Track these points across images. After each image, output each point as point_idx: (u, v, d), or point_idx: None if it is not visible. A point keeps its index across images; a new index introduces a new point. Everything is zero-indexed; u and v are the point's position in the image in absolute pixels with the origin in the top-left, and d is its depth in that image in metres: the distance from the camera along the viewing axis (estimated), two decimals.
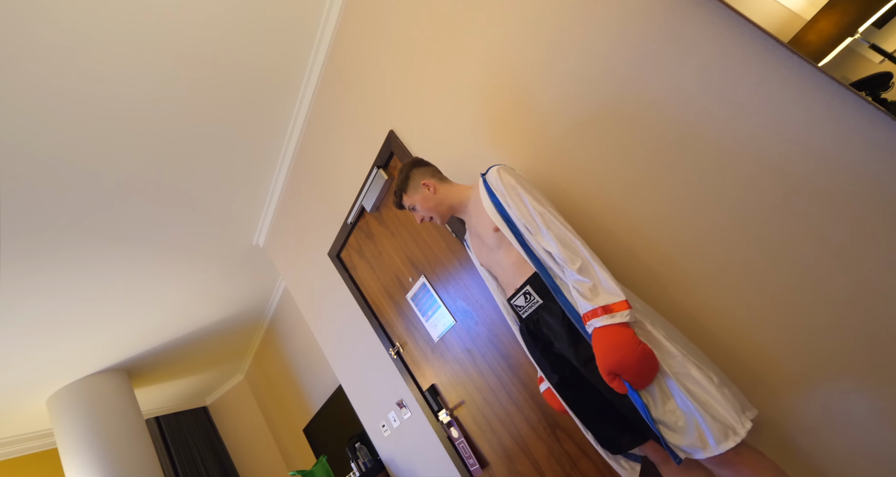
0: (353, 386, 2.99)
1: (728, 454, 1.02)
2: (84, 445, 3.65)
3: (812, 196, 1.08)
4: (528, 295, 1.28)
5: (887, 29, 0.96)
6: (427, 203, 1.47)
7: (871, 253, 1.03)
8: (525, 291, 1.28)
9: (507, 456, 2.00)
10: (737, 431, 1.00)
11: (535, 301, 1.27)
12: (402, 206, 1.54)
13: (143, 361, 4.21)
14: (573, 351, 1.18)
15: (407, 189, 1.51)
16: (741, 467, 1.04)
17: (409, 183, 1.51)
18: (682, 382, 1.04)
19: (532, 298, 1.27)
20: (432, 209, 1.48)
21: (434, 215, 1.48)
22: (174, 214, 2.81)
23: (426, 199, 1.48)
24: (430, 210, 1.48)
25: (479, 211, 1.36)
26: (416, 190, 1.49)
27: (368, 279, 2.60)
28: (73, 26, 1.69)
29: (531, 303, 1.28)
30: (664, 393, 1.05)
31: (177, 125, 2.28)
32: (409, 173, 1.51)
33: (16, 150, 1.97)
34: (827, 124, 1.04)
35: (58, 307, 2.97)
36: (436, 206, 1.47)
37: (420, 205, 1.48)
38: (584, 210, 1.47)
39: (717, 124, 1.18)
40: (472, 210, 1.41)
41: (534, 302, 1.27)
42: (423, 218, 1.50)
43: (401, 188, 1.52)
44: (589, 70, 1.39)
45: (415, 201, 1.49)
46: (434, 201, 1.47)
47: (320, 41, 2.29)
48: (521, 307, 1.33)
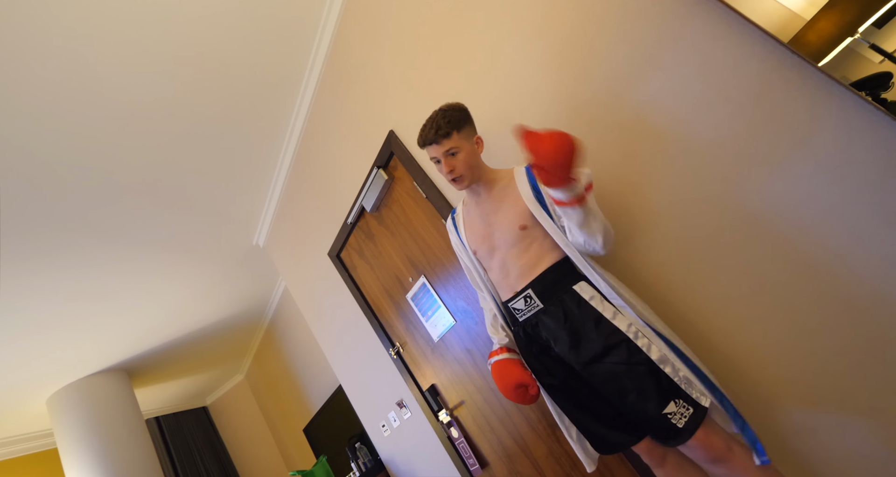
0: (353, 386, 2.99)
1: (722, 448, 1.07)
2: (84, 445, 3.65)
3: (812, 195, 1.08)
4: (529, 299, 1.26)
5: (887, 29, 0.96)
6: (472, 159, 1.29)
7: (870, 253, 1.03)
8: (526, 295, 1.26)
9: (507, 456, 2.00)
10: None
11: (536, 305, 1.25)
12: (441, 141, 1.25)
13: (143, 361, 4.21)
14: (574, 354, 1.19)
15: (461, 128, 1.28)
16: (733, 464, 1.06)
17: (465, 126, 1.29)
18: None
19: (532, 302, 1.25)
20: (472, 168, 1.29)
21: (466, 175, 1.28)
22: (174, 214, 2.81)
23: (473, 153, 1.30)
24: (470, 167, 1.28)
25: (506, 202, 1.28)
26: (468, 138, 1.30)
27: (368, 279, 2.60)
28: (72, 26, 1.69)
29: (531, 307, 1.26)
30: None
31: (177, 125, 2.28)
32: (466, 116, 1.31)
33: (16, 151, 1.97)
34: (827, 124, 1.04)
35: (58, 307, 2.97)
36: (475, 167, 1.30)
37: (465, 155, 1.27)
38: None
39: (716, 124, 1.18)
40: (496, 197, 1.31)
41: (534, 306, 1.25)
42: (455, 170, 1.27)
43: (456, 123, 1.27)
44: (588, 70, 1.39)
45: (462, 148, 1.27)
46: (476, 161, 1.31)
47: (320, 41, 2.29)
48: (519, 311, 1.30)
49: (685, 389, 1.08)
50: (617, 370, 1.12)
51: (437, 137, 1.26)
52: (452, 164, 1.27)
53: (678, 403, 1.07)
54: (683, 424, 1.06)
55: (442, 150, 1.26)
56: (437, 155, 1.28)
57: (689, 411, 1.07)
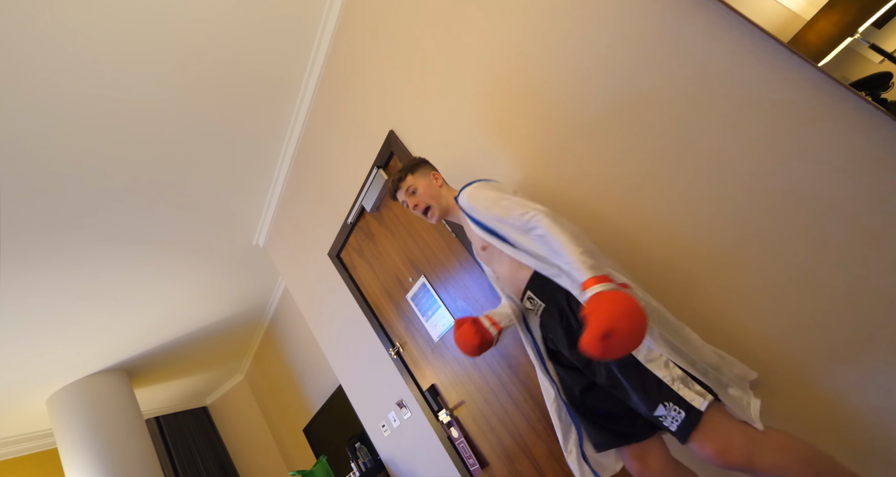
0: (353, 386, 2.99)
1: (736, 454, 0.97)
2: (84, 445, 3.65)
3: (812, 196, 1.08)
4: (532, 300, 1.27)
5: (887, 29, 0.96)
6: (430, 190, 1.44)
7: (870, 253, 1.03)
8: (528, 296, 1.28)
9: (507, 456, 2.00)
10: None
11: (539, 305, 1.26)
12: (399, 189, 1.47)
13: (143, 361, 4.21)
14: (572, 353, 1.18)
15: (415, 171, 1.47)
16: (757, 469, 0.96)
17: (418, 168, 1.48)
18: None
19: (535, 303, 1.26)
20: (433, 197, 1.43)
21: (433, 205, 1.43)
22: (174, 214, 2.81)
23: (430, 186, 1.45)
24: (431, 198, 1.43)
25: (467, 225, 1.37)
26: (424, 175, 1.47)
27: (368, 279, 2.60)
28: (72, 27, 1.69)
29: (536, 307, 1.27)
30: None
31: (177, 125, 2.28)
32: (419, 161, 1.50)
33: (16, 151, 1.97)
34: (827, 124, 1.04)
35: (58, 307, 2.97)
36: (437, 197, 1.44)
37: (422, 189, 1.44)
38: (585, 209, 1.47)
39: (716, 124, 1.18)
40: (464, 222, 1.41)
41: (538, 306, 1.26)
42: (419, 205, 1.44)
43: (408, 169, 1.47)
44: (589, 70, 1.39)
45: (418, 185, 1.45)
46: (437, 192, 1.44)
47: (320, 41, 2.29)
48: (529, 311, 1.33)
49: (676, 390, 1.01)
50: (611, 369, 1.09)
51: (395, 183, 1.47)
52: (415, 200, 1.44)
53: (667, 406, 1.01)
54: (676, 427, 1.00)
55: (402, 191, 1.46)
56: (402, 198, 1.47)
57: (680, 415, 1.00)
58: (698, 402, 0.99)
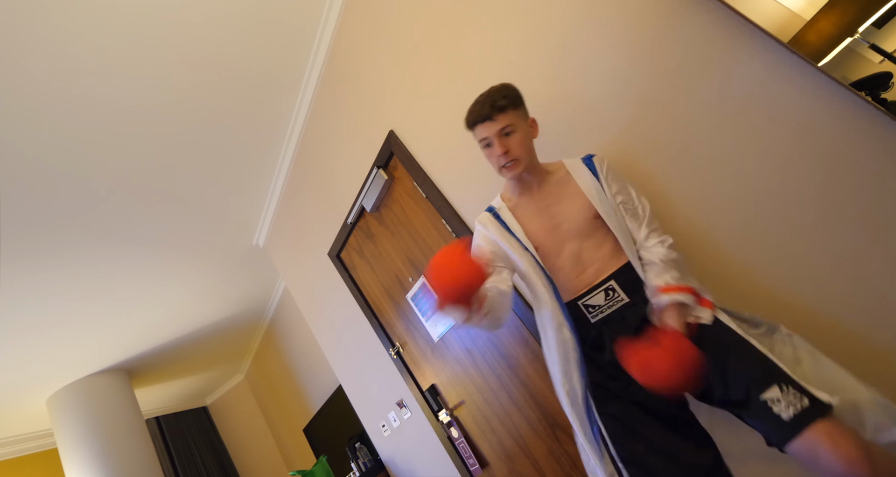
0: (353, 386, 2.99)
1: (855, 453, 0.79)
2: (84, 445, 3.65)
3: (812, 196, 1.08)
4: (611, 292, 1.11)
5: (887, 29, 0.96)
6: (527, 141, 1.17)
7: (870, 253, 1.03)
8: (608, 287, 1.11)
9: (507, 456, 2.00)
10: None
11: (619, 300, 1.10)
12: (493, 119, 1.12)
13: (143, 361, 4.21)
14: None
15: (518, 106, 1.16)
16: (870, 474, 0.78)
17: (521, 104, 1.18)
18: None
19: (615, 296, 1.10)
20: (528, 150, 1.17)
21: (522, 159, 1.15)
22: (174, 214, 2.81)
23: (528, 136, 1.18)
24: (525, 150, 1.16)
25: (568, 192, 1.18)
26: (524, 118, 1.18)
27: (368, 279, 2.60)
28: (72, 27, 1.68)
29: (613, 301, 1.10)
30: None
31: (177, 125, 2.28)
32: (522, 97, 1.19)
33: (17, 153, 1.97)
34: (827, 124, 1.04)
35: (58, 307, 2.97)
36: (531, 150, 1.18)
37: (520, 137, 1.15)
38: None
39: (716, 124, 1.18)
40: (553, 188, 1.20)
41: (617, 300, 1.10)
42: (510, 152, 1.13)
43: (513, 99, 1.15)
44: (589, 70, 1.39)
45: (518, 127, 1.14)
46: (531, 144, 1.19)
47: (320, 41, 2.29)
48: (594, 308, 1.12)
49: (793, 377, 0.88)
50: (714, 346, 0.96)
51: (493, 112, 1.12)
52: (507, 145, 1.13)
53: (784, 389, 0.86)
54: (791, 415, 0.83)
55: (496, 128, 1.12)
56: (489, 134, 1.13)
57: (801, 402, 0.84)
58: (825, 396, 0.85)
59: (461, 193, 1.89)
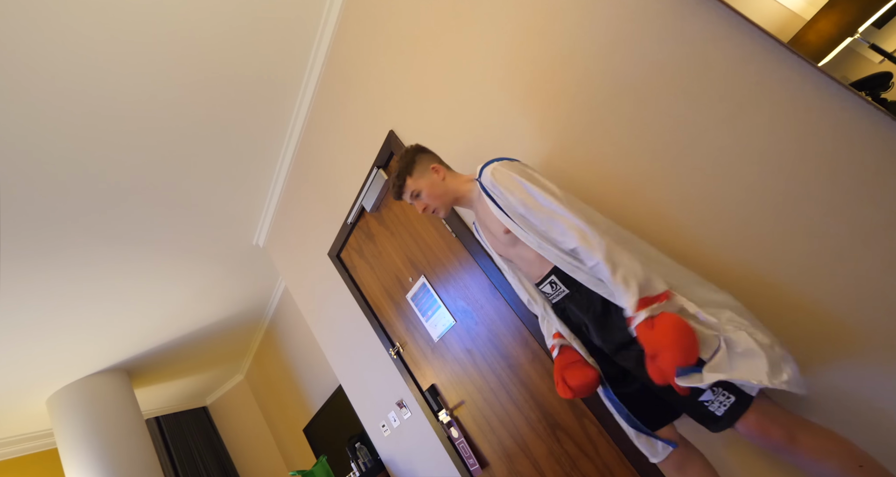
0: (353, 386, 2.99)
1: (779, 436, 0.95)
2: (84, 445, 3.65)
3: (812, 196, 1.08)
4: (554, 284, 1.22)
5: (887, 29, 0.96)
6: (435, 190, 1.34)
7: (870, 253, 1.03)
8: (550, 281, 1.23)
9: (507, 456, 2.00)
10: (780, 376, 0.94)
11: (561, 290, 1.22)
12: (402, 193, 1.38)
13: (143, 361, 4.21)
14: (602, 340, 1.16)
15: (413, 172, 1.35)
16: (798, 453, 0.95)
17: (415, 166, 1.36)
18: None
19: (558, 288, 1.22)
20: (439, 197, 1.34)
21: (439, 206, 1.35)
22: (174, 214, 2.81)
23: (434, 185, 1.34)
24: (437, 198, 1.34)
25: (486, 209, 1.27)
26: (423, 174, 1.36)
27: (368, 279, 2.60)
28: (72, 26, 1.69)
29: (558, 291, 1.23)
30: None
31: (176, 125, 2.28)
32: (414, 157, 1.38)
33: (17, 151, 1.97)
34: (827, 124, 1.04)
35: (58, 307, 2.97)
36: (443, 195, 1.34)
37: (427, 191, 1.34)
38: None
39: (716, 124, 1.18)
40: (479, 206, 1.32)
41: (560, 291, 1.22)
42: (427, 207, 1.35)
43: (405, 170, 1.35)
44: (589, 70, 1.39)
45: (421, 187, 1.34)
46: (442, 189, 1.34)
47: (320, 41, 2.29)
48: (548, 294, 1.28)
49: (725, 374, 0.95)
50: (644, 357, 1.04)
51: (397, 192, 1.39)
52: (422, 204, 1.37)
53: (716, 391, 0.97)
54: (723, 412, 0.97)
55: (407, 196, 1.39)
56: (407, 201, 1.41)
57: (729, 400, 0.97)
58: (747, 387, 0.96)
59: None
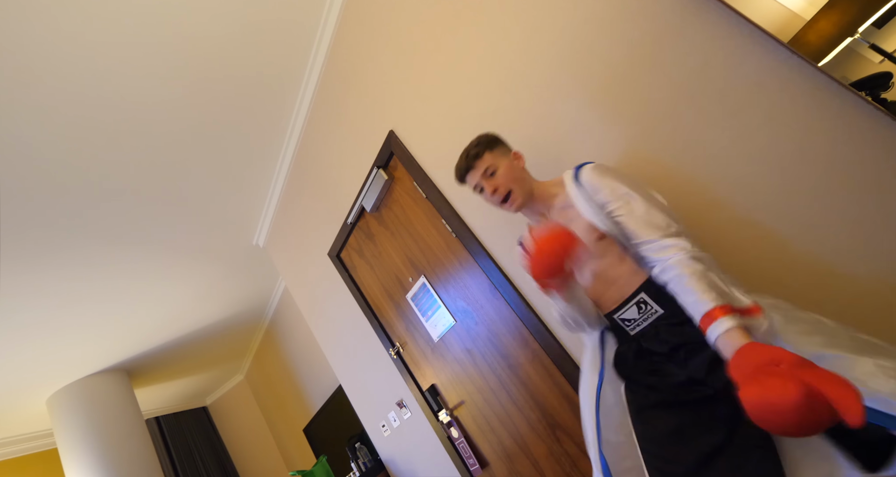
0: (353, 386, 2.99)
1: None
2: (84, 445, 3.65)
3: (812, 196, 1.08)
4: (644, 305, 1.05)
5: (887, 29, 0.96)
6: (513, 172, 1.20)
7: (870, 252, 1.03)
8: (639, 300, 1.05)
9: (507, 456, 2.00)
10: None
11: (653, 311, 1.04)
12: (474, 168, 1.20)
13: (143, 361, 4.21)
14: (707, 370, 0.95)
15: (493, 148, 1.22)
16: None
17: (497, 144, 1.24)
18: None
19: (648, 308, 1.05)
20: (517, 180, 1.19)
21: (515, 189, 1.18)
22: (174, 214, 2.81)
23: (512, 167, 1.21)
24: (515, 181, 1.19)
25: (573, 217, 1.13)
26: (504, 154, 1.23)
27: (368, 279, 2.60)
28: (72, 27, 1.69)
29: (647, 314, 1.05)
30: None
31: (176, 125, 2.28)
32: (495, 138, 1.25)
33: (17, 152, 1.97)
34: (827, 124, 1.04)
35: (58, 307, 2.97)
36: (521, 181, 1.20)
37: (504, 170, 1.19)
38: None
39: (716, 124, 1.18)
40: (562, 214, 1.17)
41: (651, 313, 1.05)
42: (500, 189, 1.18)
43: (485, 145, 1.22)
44: (588, 70, 1.39)
45: (499, 164, 1.20)
46: (520, 174, 1.21)
47: (320, 41, 2.29)
48: (630, 322, 1.08)
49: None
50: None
51: (470, 161, 1.21)
52: (494, 184, 1.19)
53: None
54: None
55: (478, 173, 1.20)
56: (476, 181, 1.21)
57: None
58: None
59: (461, 193, 1.89)
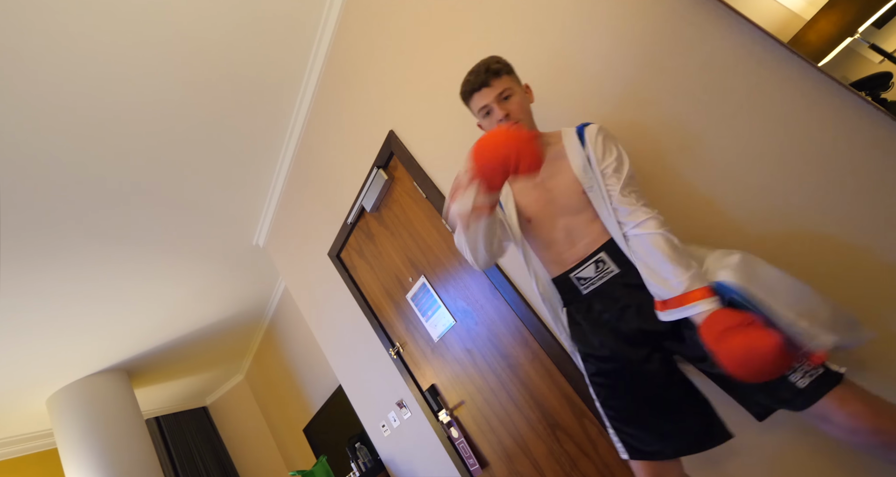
0: (353, 386, 2.99)
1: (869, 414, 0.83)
2: (84, 445, 3.65)
3: (811, 196, 1.08)
4: (601, 263, 1.11)
5: (887, 29, 0.96)
6: (526, 104, 1.19)
7: (870, 253, 1.03)
8: (598, 259, 1.11)
9: (507, 456, 2.00)
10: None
11: (609, 271, 1.10)
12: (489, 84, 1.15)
13: (143, 361, 4.21)
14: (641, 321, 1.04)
15: (512, 73, 1.19)
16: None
17: (513, 71, 1.21)
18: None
19: (605, 267, 1.11)
20: (527, 113, 1.18)
21: (524, 119, 1.16)
22: (174, 215, 2.81)
23: (525, 99, 1.19)
24: (526, 113, 1.18)
25: (563, 168, 1.14)
26: (519, 83, 1.21)
27: (368, 279, 2.60)
28: (72, 28, 1.68)
29: (603, 272, 1.11)
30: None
31: (176, 126, 2.28)
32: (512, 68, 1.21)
33: (17, 152, 1.97)
34: (827, 124, 1.04)
35: (58, 307, 2.97)
36: (530, 113, 1.20)
37: (519, 99, 1.17)
38: None
39: (716, 124, 1.18)
40: (552, 164, 1.17)
41: (607, 272, 1.10)
42: (511, 115, 1.14)
43: (506, 66, 1.18)
44: (589, 70, 1.39)
45: (515, 90, 1.17)
46: (529, 108, 1.20)
47: (320, 41, 2.29)
48: (586, 280, 1.13)
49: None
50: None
51: (489, 77, 1.14)
52: (507, 108, 1.14)
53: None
54: (807, 384, 0.86)
55: (494, 93, 1.14)
56: (488, 101, 1.15)
57: (816, 371, 0.87)
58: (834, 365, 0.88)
59: None
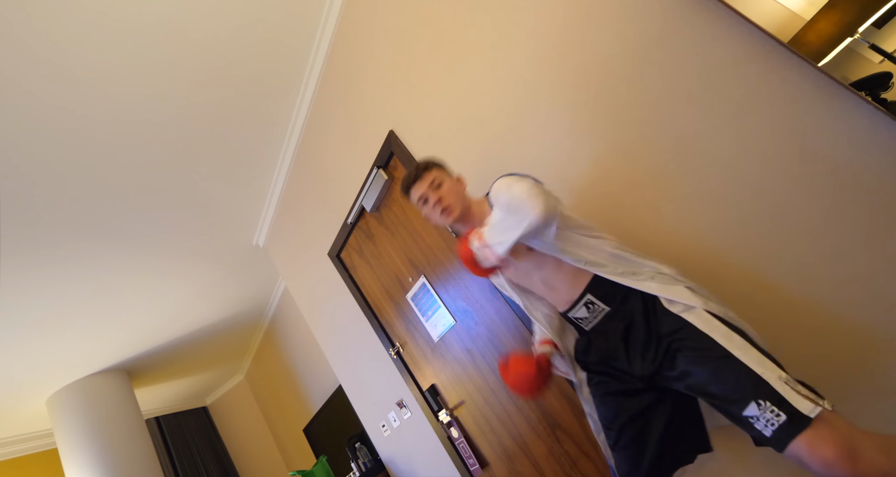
0: (353, 386, 2.99)
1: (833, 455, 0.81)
2: (84, 445, 3.64)
3: (811, 196, 1.08)
4: (591, 305, 1.15)
5: (887, 29, 0.96)
6: (457, 189, 1.28)
7: (871, 253, 1.03)
8: (586, 301, 1.15)
9: (507, 456, 2.00)
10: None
11: (601, 310, 1.14)
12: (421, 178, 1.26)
13: (143, 361, 4.21)
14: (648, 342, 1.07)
15: (441, 167, 1.31)
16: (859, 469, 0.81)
17: (443, 165, 1.32)
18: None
19: (596, 308, 1.14)
20: (458, 196, 1.26)
21: (454, 206, 1.24)
22: (174, 214, 2.81)
23: (456, 186, 1.29)
24: (456, 196, 1.25)
25: None
26: (448, 174, 1.31)
27: (368, 279, 2.60)
28: (72, 28, 1.68)
29: (596, 313, 1.15)
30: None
31: (176, 125, 2.28)
32: (440, 162, 1.34)
33: (17, 151, 1.97)
34: (827, 124, 1.04)
35: (58, 307, 2.97)
36: (462, 197, 1.27)
37: (448, 186, 1.26)
38: (587, 211, 1.47)
39: (717, 124, 1.18)
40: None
41: (599, 311, 1.15)
42: (443, 200, 1.24)
43: (434, 162, 1.31)
44: (589, 70, 1.39)
45: (444, 180, 1.27)
46: (461, 193, 1.28)
47: (320, 41, 2.29)
48: (583, 320, 1.19)
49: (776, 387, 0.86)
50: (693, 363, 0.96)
51: (420, 172, 1.27)
52: (439, 194, 1.25)
53: (762, 405, 0.86)
54: (771, 433, 0.85)
55: (425, 184, 1.26)
56: (421, 191, 1.26)
57: (779, 419, 0.84)
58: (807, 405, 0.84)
59: None
